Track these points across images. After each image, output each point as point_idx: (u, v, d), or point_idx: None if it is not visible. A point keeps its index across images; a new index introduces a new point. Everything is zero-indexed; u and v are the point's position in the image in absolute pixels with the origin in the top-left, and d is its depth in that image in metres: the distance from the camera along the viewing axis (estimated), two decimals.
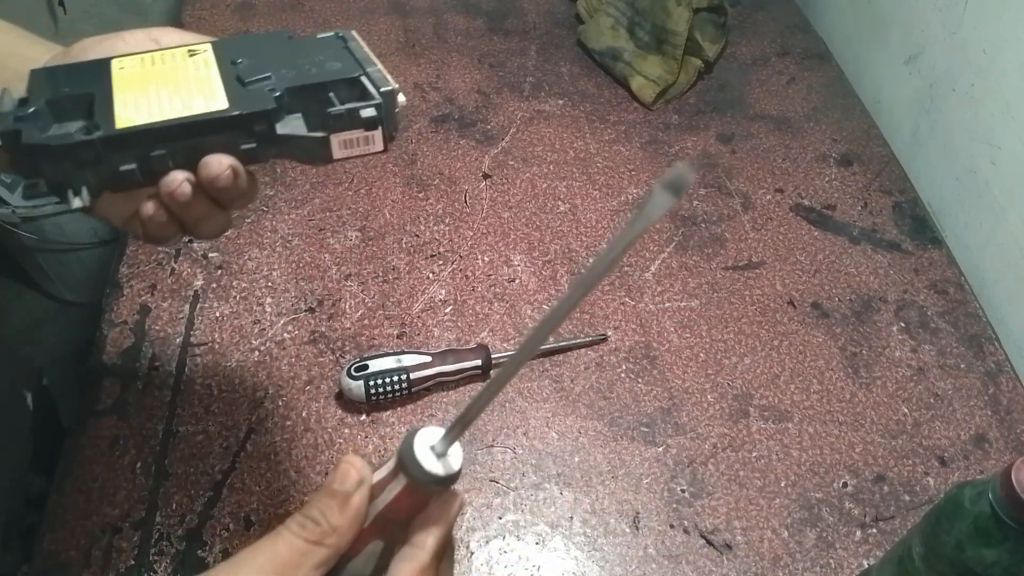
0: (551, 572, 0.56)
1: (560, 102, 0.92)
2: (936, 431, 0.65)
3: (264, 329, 0.69)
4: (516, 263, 0.75)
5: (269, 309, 0.70)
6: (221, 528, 0.57)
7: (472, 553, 0.57)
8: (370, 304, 0.71)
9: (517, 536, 0.58)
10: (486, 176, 0.83)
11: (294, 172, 0.82)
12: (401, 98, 0.39)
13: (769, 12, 1.07)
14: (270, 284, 0.72)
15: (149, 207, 0.38)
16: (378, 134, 0.39)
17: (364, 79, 0.39)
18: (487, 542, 0.57)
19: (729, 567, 0.57)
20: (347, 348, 0.68)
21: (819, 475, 0.62)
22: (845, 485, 0.61)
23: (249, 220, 0.77)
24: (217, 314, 0.69)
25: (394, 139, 0.41)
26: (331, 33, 0.43)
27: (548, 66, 0.97)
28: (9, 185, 1.19)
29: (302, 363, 0.66)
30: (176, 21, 0.99)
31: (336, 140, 0.39)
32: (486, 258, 0.76)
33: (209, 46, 0.41)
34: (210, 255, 0.74)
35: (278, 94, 0.38)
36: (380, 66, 0.40)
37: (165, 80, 0.39)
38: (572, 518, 0.59)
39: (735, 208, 0.82)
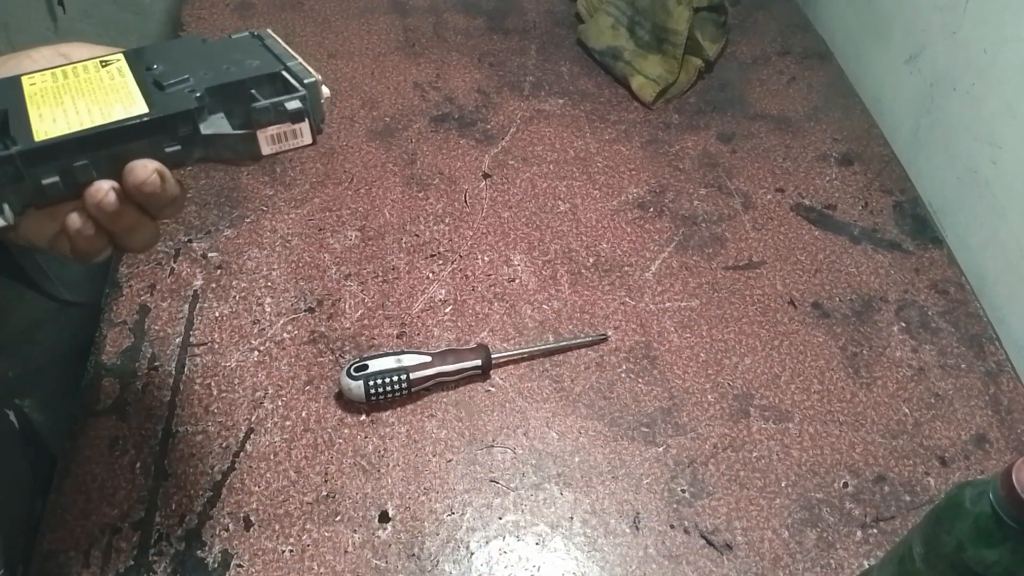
0: (551, 572, 0.56)
1: (560, 101, 0.92)
2: (937, 431, 0.65)
3: (264, 329, 0.69)
4: (516, 263, 0.75)
5: (269, 309, 0.70)
6: (221, 528, 0.57)
7: (472, 553, 0.57)
8: (370, 304, 0.71)
9: (517, 536, 0.58)
10: (486, 176, 0.83)
11: (293, 172, 0.82)
12: (325, 90, 0.40)
13: (769, 11, 1.07)
14: (270, 284, 0.72)
15: (75, 220, 0.37)
16: (305, 127, 0.39)
17: (285, 73, 0.39)
18: (487, 542, 0.57)
19: (729, 567, 0.57)
20: (347, 348, 0.68)
21: (820, 475, 0.62)
22: (846, 485, 0.61)
23: (249, 220, 0.77)
24: (216, 314, 0.69)
25: (321, 131, 0.40)
26: (245, 33, 0.43)
27: (548, 65, 0.97)
28: None
29: (302, 363, 0.66)
30: (176, 21, 0.99)
31: (263, 136, 0.38)
32: (486, 258, 0.76)
33: (121, 55, 0.41)
34: (209, 255, 0.74)
35: (198, 94, 0.38)
36: (300, 60, 0.40)
37: (80, 92, 0.38)
38: (572, 518, 0.59)
39: (735, 208, 0.82)
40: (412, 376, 0.62)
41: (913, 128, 0.88)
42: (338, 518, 0.58)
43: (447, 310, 0.71)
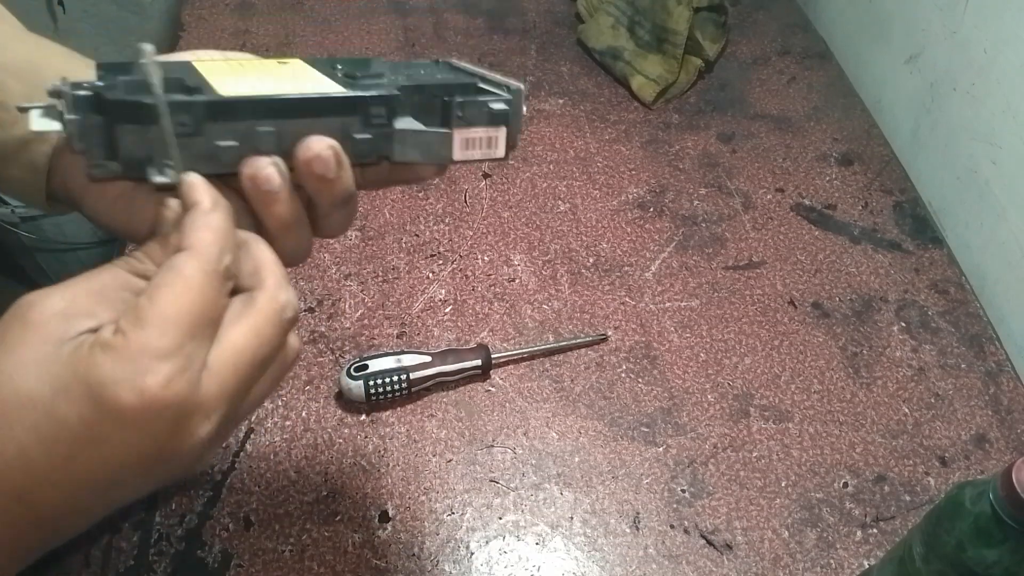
0: (551, 572, 0.56)
1: (560, 101, 0.92)
2: (937, 431, 0.65)
3: None
4: (516, 263, 0.75)
5: None
6: (221, 528, 0.57)
7: (472, 553, 0.57)
8: (370, 304, 0.71)
9: (517, 536, 0.58)
10: (486, 176, 0.83)
11: None
12: (524, 108, 0.37)
13: (769, 11, 1.07)
14: None
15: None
16: (502, 135, 0.36)
17: (484, 84, 0.36)
18: (487, 542, 0.57)
19: (729, 567, 0.57)
20: (347, 348, 0.68)
21: (819, 475, 0.62)
22: (846, 485, 0.61)
23: None
24: None
25: (515, 147, 0.37)
26: (426, 61, 0.40)
27: (548, 65, 0.97)
28: None
29: (302, 363, 0.66)
30: (176, 21, 0.99)
31: (459, 137, 0.35)
32: (486, 258, 0.76)
33: (298, 59, 0.38)
34: None
35: (398, 88, 0.35)
36: (498, 76, 0.37)
37: (262, 74, 0.35)
38: (572, 518, 0.59)
39: (735, 208, 0.82)
40: (412, 376, 0.62)
41: (913, 128, 0.88)
42: (338, 518, 0.58)
43: (447, 310, 0.71)
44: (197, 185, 0.31)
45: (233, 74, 0.34)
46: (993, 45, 0.74)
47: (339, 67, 0.37)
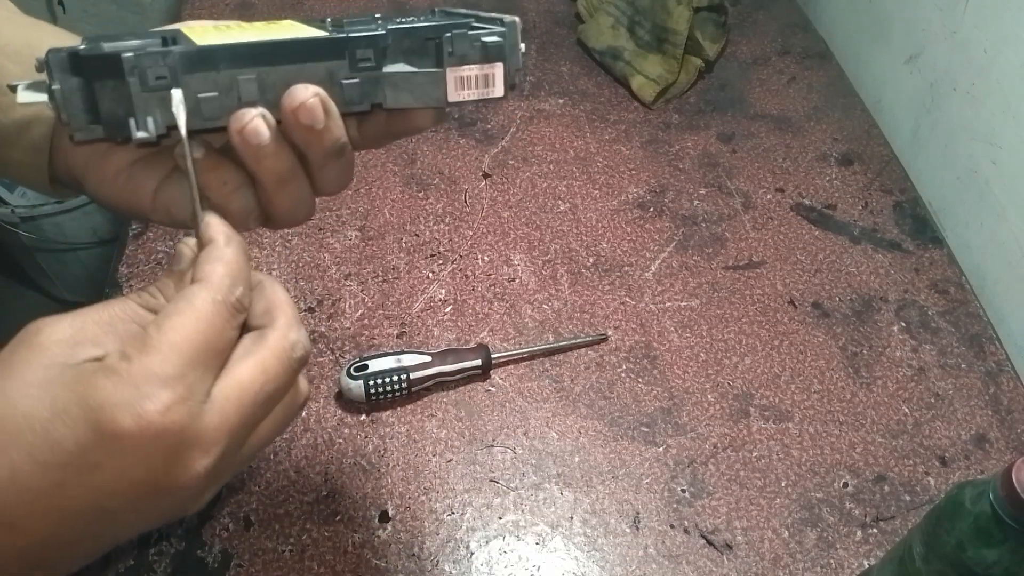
0: (551, 572, 0.56)
1: (560, 101, 0.92)
2: (937, 431, 0.65)
3: None
4: (516, 263, 0.75)
5: None
6: (221, 528, 0.57)
7: (472, 553, 0.57)
8: (370, 304, 0.71)
9: (517, 536, 0.58)
10: (486, 175, 0.83)
11: None
12: (522, 46, 0.35)
13: (769, 11, 1.07)
14: None
15: (218, 173, 0.34)
16: (499, 72, 0.34)
17: (476, 22, 0.35)
18: (487, 542, 0.57)
19: (729, 567, 0.57)
20: (347, 348, 0.68)
21: (819, 475, 0.62)
22: (846, 485, 0.61)
23: None
24: None
25: (515, 87, 0.35)
26: (422, 11, 0.39)
27: (548, 65, 0.97)
28: (9, 185, 1.19)
29: None
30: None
31: (452, 75, 0.34)
32: (486, 258, 0.76)
33: (289, 20, 0.37)
34: None
35: (384, 31, 0.34)
36: (493, 14, 0.36)
37: (248, 31, 0.34)
38: (572, 518, 0.59)
39: (735, 208, 0.82)
40: (412, 376, 0.62)
41: (913, 128, 0.88)
42: (338, 518, 0.58)
43: (447, 310, 0.71)
44: (213, 223, 0.32)
45: (219, 33, 0.34)
46: (993, 45, 0.74)
47: (329, 20, 0.36)
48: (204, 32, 0.34)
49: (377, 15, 0.37)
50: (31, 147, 0.39)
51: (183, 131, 0.31)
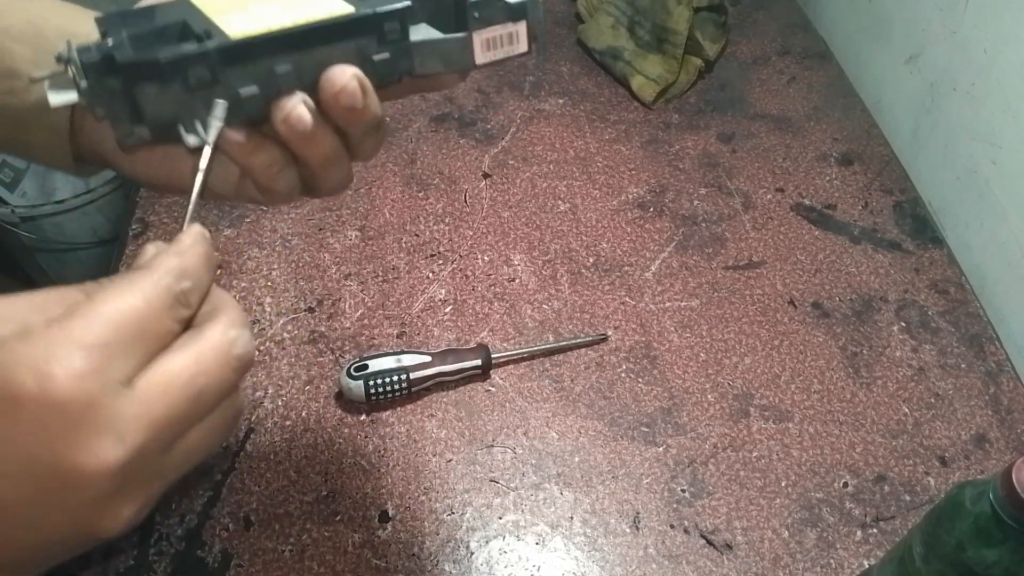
0: (551, 572, 0.56)
1: (560, 101, 0.92)
2: (937, 431, 0.65)
3: (264, 329, 0.69)
4: (516, 263, 0.75)
5: (269, 309, 0.70)
6: (221, 528, 0.57)
7: (472, 553, 0.57)
8: (370, 304, 0.71)
9: (517, 536, 0.58)
10: (486, 175, 0.83)
11: None
12: None
13: (769, 11, 1.07)
14: (270, 283, 0.72)
15: (261, 155, 0.33)
16: (523, 29, 0.34)
17: None
18: (487, 542, 0.57)
19: (729, 567, 0.57)
20: (347, 348, 0.68)
21: (819, 475, 0.62)
22: (846, 485, 0.61)
23: (248, 219, 0.77)
24: None
25: (537, 41, 0.36)
26: None
27: (548, 65, 0.97)
28: (9, 185, 1.19)
29: (302, 363, 0.66)
30: None
31: (478, 39, 0.34)
32: (486, 258, 0.76)
33: None
34: None
35: (410, 2, 0.33)
36: None
37: (265, 1, 0.34)
38: (572, 518, 0.59)
39: (735, 208, 0.82)
40: (412, 376, 0.62)
41: (913, 128, 0.88)
42: (338, 518, 0.58)
43: (447, 310, 0.71)
44: (193, 230, 0.31)
45: (237, 7, 0.33)
46: (993, 45, 0.74)
47: None
48: (219, 5, 0.34)
49: None
50: (52, 129, 0.38)
51: (210, 144, 0.31)
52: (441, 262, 0.75)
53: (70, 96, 0.31)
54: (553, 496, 0.60)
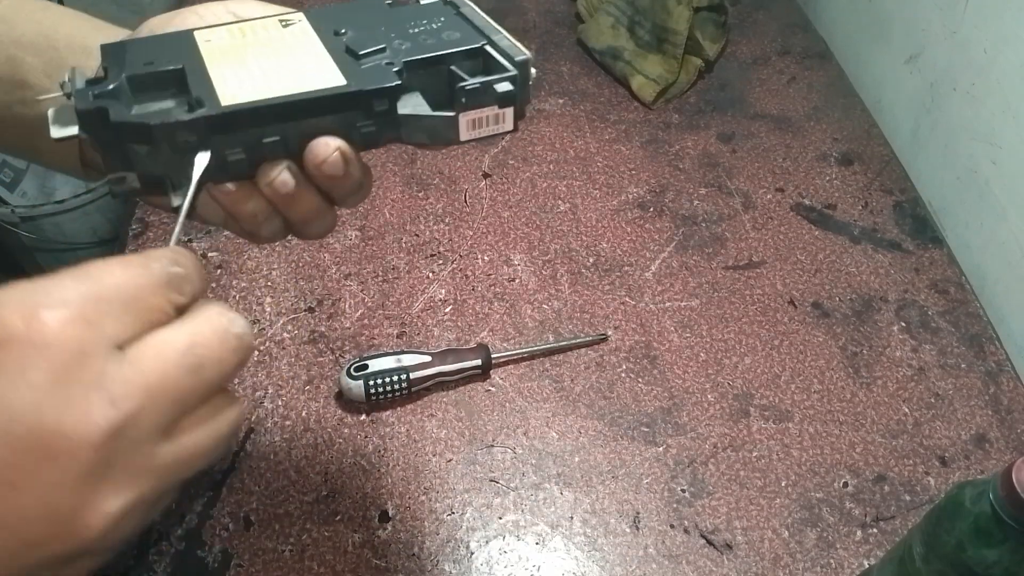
0: (551, 572, 0.56)
1: (560, 101, 0.92)
2: (937, 431, 0.65)
3: (264, 329, 0.69)
4: (516, 262, 0.75)
5: (268, 309, 0.70)
6: (220, 528, 0.57)
7: (472, 553, 0.57)
8: (370, 304, 0.71)
9: (517, 536, 0.58)
10: (486, 175, 0.83)
11: None
12: (532, 71, 0.35)
13: (769, 11, 1.07)
14: (269, 283, 0.72)
15: (248, 204, 0.34)
16: (510, 112, 0.35)
17: (490, 49, 0.35)
18: (487, 542, 0.57)
19: (729, 567, 0.56)
20: (347, 348, 0.68)
21: (819, 475, 0.62)
22: (846, 485, 0.61)
23: None
24: None
25: (523, 117, 0.36)
26: (434, 1, 0.38)
27: (548, 65, 0.97)
28: (9, 185, 1.19)
29: (302, 363, 0.66)
30: None
31: (464, 119, 0.34)
32: (486, 257, 0.76)
33: (302, 15, 0.37)
34: (209, 255, 0.74)
35: (397, 69, 0.34)
36: (505, 33, 0.36)
37: (264, 53, 0.34)
38: (572, 518, 0.59)
39: (735, 207, 0.82)
40: (412, 376, 0.62)
41: (913, 128, 0.88)
42: (338, 518, 0.58)
43: (447, 310, 0.71)
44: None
45: (235, 59, 0.34)
46: (993, 45, 0.74)
47: (343, 31, 0.36)
48: (216, 49, 0.34)
49: (386, 5, 0.38)
50: None
51: (190, 192, 0.31)
52: (441, 262, 0.75)
53: (71, 131, 0.32)
54: (553, 496, 0.60)
